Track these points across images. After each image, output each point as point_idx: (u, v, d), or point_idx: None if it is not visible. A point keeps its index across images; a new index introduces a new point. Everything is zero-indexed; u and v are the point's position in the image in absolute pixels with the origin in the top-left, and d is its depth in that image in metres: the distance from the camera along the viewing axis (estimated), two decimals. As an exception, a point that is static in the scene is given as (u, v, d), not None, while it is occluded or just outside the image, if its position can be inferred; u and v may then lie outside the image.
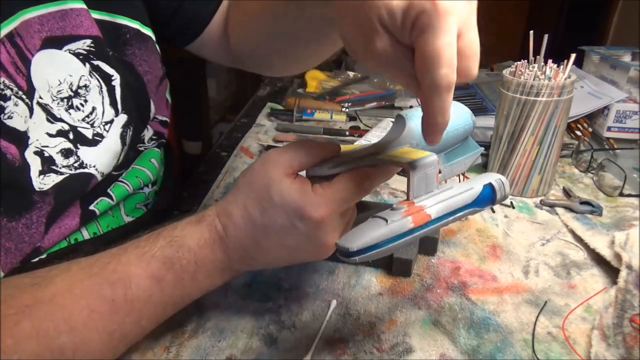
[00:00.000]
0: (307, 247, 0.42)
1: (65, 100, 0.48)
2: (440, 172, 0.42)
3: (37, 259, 0.48)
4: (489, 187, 0.42)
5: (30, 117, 0.45)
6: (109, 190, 0.55)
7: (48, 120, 0.47)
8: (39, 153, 0.46)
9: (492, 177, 0.42)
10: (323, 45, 0.57)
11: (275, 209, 0.40)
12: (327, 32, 0.50)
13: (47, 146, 0.47)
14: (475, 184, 0.42)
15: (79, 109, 0.50)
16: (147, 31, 0.58)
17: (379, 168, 0.42)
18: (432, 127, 0.35)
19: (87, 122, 0.50)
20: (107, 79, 0.52)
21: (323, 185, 0.40)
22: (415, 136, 0.44)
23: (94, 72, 0.51)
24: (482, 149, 0.52)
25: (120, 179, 0.57)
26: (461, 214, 0.41)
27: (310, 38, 0.54)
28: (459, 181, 0.69)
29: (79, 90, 0.49)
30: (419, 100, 0.37)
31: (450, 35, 0.32)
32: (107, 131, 0.52)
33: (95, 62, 0.51)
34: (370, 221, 0.39)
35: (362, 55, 0.36)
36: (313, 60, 0.62)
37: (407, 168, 0.39)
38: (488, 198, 0.42)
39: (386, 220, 0.37)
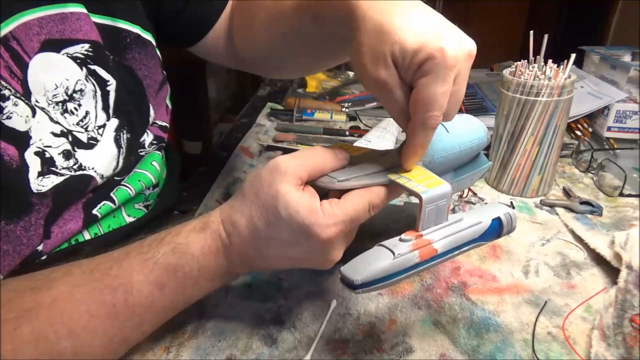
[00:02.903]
0: (310, 259, 0.42)
1: (60, 104, 0.48)
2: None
3: (37, 261, 0.48)
4: (497, 222, 0.42)
5: (33, 116, 0.45)
6: (111, 194, 0.55)
7: (51, 119, 0.47)
8: (40, 154, 0.46)
9: (501, 211, 0.42)
10: (334, 59, 0.58)
11: (281, 224, 0.39)
12: (341, 48, 0.51)
13: (50, 146, 0.47)
14: (484, 217, 0.41)
15: (73, 113, 0.49)
16: (147, 36, 0.58)
17: (389, 188, 0.42)
18: (412, 155, 0.41)
19: (81, 126, 0.50)
20: (102, 83, 0.52)
21: (332, 203, 0.39)
22: (428, 153, 0.44)
23: (90, 77, 0.51)
24: (491, 163, 0.51)
25: (123, 182, 0.57)
26: (466, 248, 0.41)
27: (324, 51, 0.55)
28: (465, 195, 0.69)
29: (74, 95, 0.49)
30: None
31: (448, 85, 0.37)
32: (101, 135, 0.52)
33: (92, 67, 0.51)
34: (376, 250, 0.38)
35: (365, 79, 0.39)
36: (322, 69, 0.64)
37: (420, 198, 0.39)
38: (494, 232, 0.42)
39: (393, 253, 0.37)
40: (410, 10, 0.38)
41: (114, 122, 0.54)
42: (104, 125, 0.53)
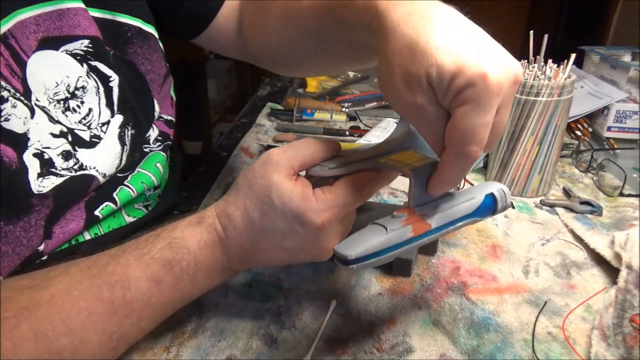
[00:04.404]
0: (307, 250, 0.41)
1: (62, 102, 0.48)
2: None
3: (37, 262, 0.48)
4: (491, 197, 0.41)
5: (32, 117, 0.45)
6: (114, 195, 0.55)
7: (50, 120, 0.47)
8: (39, 155, 0.46)
9: (494, 187, 0.42)
10: (355, 63, 0.56)
11: (275, 213, 0.39)
12: (364, 54, 0.48)
13: (48, 147, 0.46)
14: (477, 194, 0.41)
15: (75, 111, 0.49)
16: (149, 28, 0.57)
17: (381, 172, 0.42)
18: (442, 185, 0.37)
19: (84, 124, 0.50)
20: (104, 79, 0.52)
21: (324, 189, 0.39)
22: (419, 139, 0.44)
23: (91, 73, 0.50)
24: (484, 156, 0.52)
25: (125, 182, 0.56)
26: (461, 223, 0.41)
27: (344, 55, 0.52)
28: (461, 186, 0.69)
29: (76, 92, 0.49)
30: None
31: (490, 116, 0.33)
32: (105, 132, 0.52)
33: (93, 63, 0.50)
34: (369, 228, 0.38)
35: (399, 102, 0.35)
36: (340, 71, 0.61)
37: (409, 175, 0.39)
38: (489, 208, 0.42)
39: (386, 229, 0.37)
40: (446, 24, 0.33)
41: (118, 119, 0.53)
42: (108, 122, 0.52)
